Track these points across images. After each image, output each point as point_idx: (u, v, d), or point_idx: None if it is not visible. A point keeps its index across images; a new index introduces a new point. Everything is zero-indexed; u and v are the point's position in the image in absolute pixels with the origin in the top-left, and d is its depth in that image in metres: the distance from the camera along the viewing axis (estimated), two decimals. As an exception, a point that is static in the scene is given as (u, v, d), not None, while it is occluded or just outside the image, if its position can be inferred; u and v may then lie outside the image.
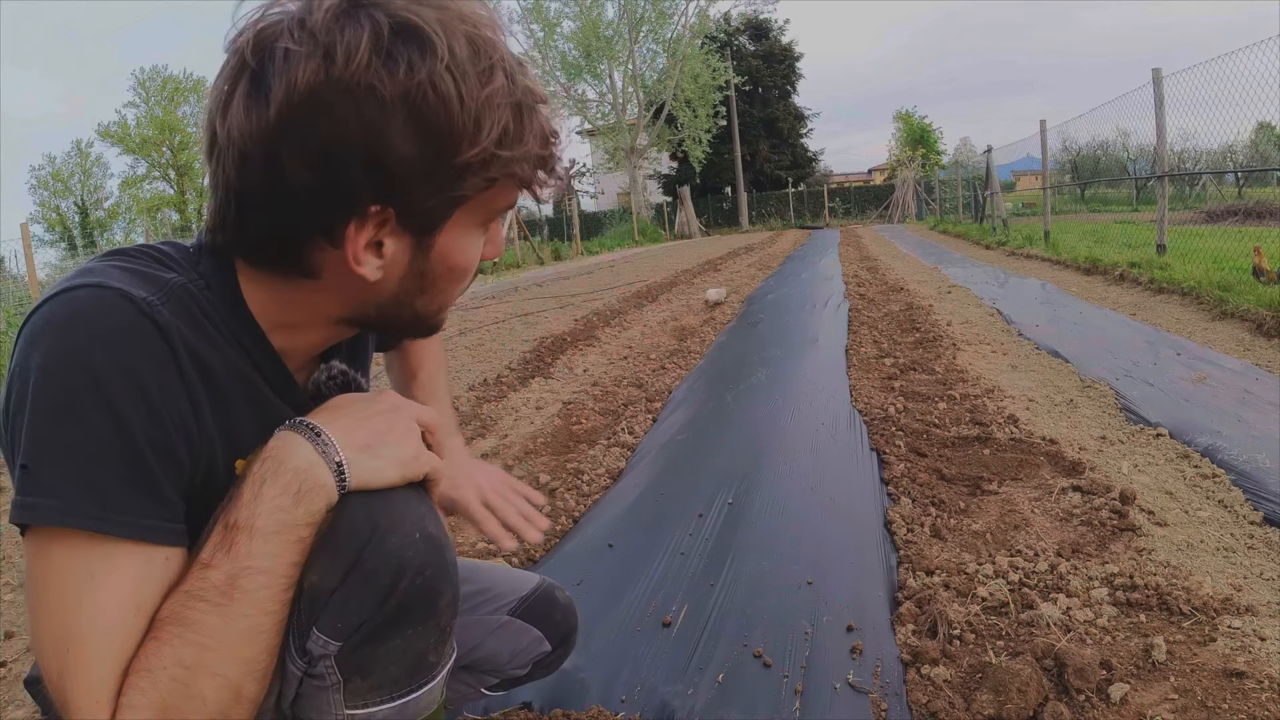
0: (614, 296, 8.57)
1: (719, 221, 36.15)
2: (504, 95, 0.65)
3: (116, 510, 0.60)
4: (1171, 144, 8.20)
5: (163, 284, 0.67)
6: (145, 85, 39.51)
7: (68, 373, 0.59)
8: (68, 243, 36.46)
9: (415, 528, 0.70)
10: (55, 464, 0.59)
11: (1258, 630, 1.39)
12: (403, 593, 0.68)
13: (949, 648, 1.43)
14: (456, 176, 0.65)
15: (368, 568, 0.67)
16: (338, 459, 0.68)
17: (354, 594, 0.68)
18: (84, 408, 0.59)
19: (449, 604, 0.73)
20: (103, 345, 0.60)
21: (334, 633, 0.68)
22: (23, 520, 0.60)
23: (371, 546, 0.67)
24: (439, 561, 0.71)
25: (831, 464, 2.55)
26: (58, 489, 0.59)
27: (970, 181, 18.62)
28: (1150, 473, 2.28)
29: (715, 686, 1.39)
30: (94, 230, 37.42)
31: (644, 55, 30.83)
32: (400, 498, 0.71)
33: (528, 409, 3.64)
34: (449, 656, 0.78)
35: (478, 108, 0.63)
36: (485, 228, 0.75)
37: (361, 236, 0.66)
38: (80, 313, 0.61)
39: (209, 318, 0.69)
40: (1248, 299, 4.58)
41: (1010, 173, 22.32)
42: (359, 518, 0.68)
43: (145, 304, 0.64)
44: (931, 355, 4.04)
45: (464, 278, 0.76)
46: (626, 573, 1.86)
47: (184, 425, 0.66)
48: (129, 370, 0.61)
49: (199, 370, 0.67)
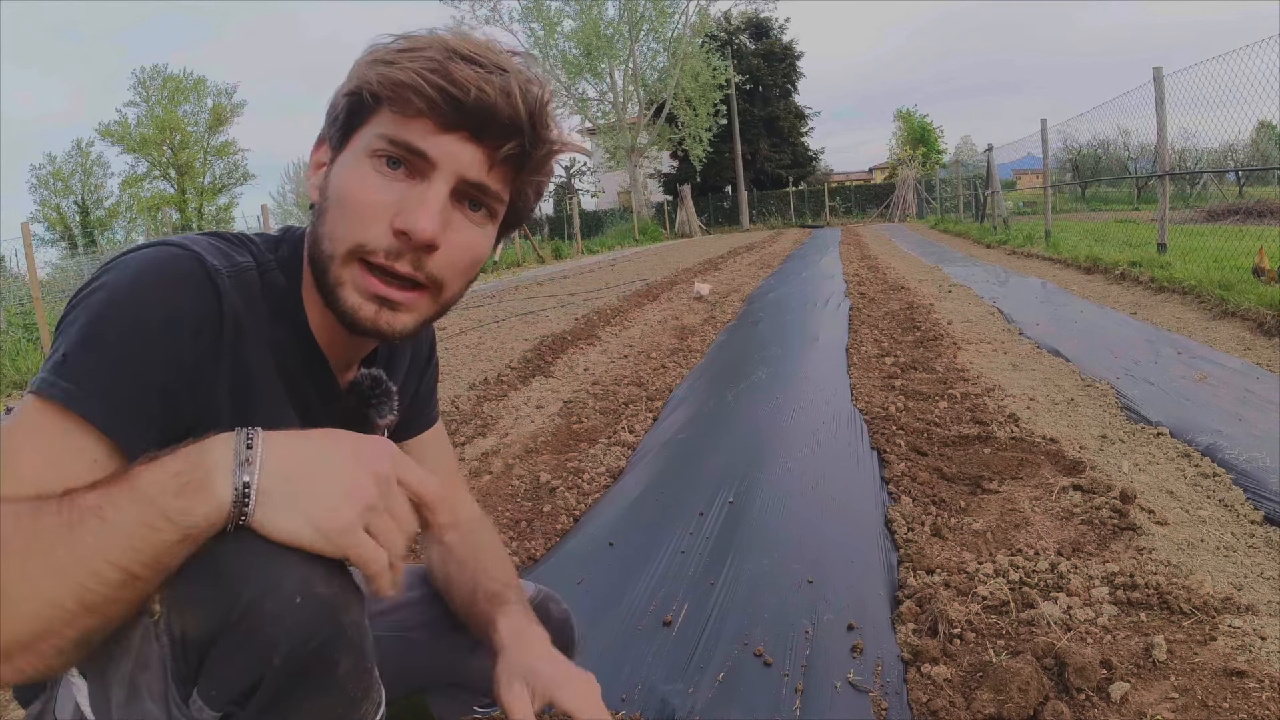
0: (615, 295, 8.56)
1: (719, 220, 36.14)
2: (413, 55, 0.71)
3: (85, 391, 0.65)
4: (1172, 143, 8.20)
5: (234, 262, 0.76)
6: (146, 84, 39.49)
7: (125, 295, 0.68)
8: (68, 242, 36.45)
9: (297, 589, 0.61)
10: (87, 363, 0.66)
11: (1258, 629, 1.39)
12: (284, 669, 0.60)
13: (949, 647, 1.44)
14: (346, 91, 0.74)
15: (238, 635, 0.60)
16: (246, 479, 0.60)
17: (228, 663, 0.61)
18: (124, 326, 0.67)
19: (350, 671, 0.64)
20: (160, 285, 0.69)
21: (211, 701, 0.62)
22: (44, 392, 0.66)
23: (241, 610, 0.59)
24: (331, 628, 0.62)
25: (832, 463, 2.55)
26: (79, 380, 0.65)
27: (971, 180, 18.60)
28: (1151, 472, 2.28)
29: (716, 685, 1.39)
30: (94, 229, 37.44)
31: (644, 54, 30.81)
32: (281, 550, 0.61)
33: (528, 408, 3.64)
34: (373, 712, 0.70)
35: (384, 55, 0.73)
36: (376, 159, 0.72)
37: (315, 155, 0.79)
38: (157, 258, 0.71)
39: (264, 298, 0.77)
40: (1248, 298, 4.58)
41: (1011, 171, 22.29)
42: (230, 569, 0.60)
43: (212, 268, 0.72)
44: (932, 354, 4.04)
45: (349, 207, 0.72)
46: (627, 571, 1.87)
47: (201, 378, 0.71)
48: (173, 311, 0.69)
49: (238, 338, 0.74)
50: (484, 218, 0.77)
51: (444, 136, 0.71)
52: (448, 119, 0.70)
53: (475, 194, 0.75)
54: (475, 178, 0.73)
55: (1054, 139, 12.11)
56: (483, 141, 0.72)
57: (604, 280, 10.94)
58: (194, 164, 40.49)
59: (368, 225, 0.71)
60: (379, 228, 0.71)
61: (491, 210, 0.78)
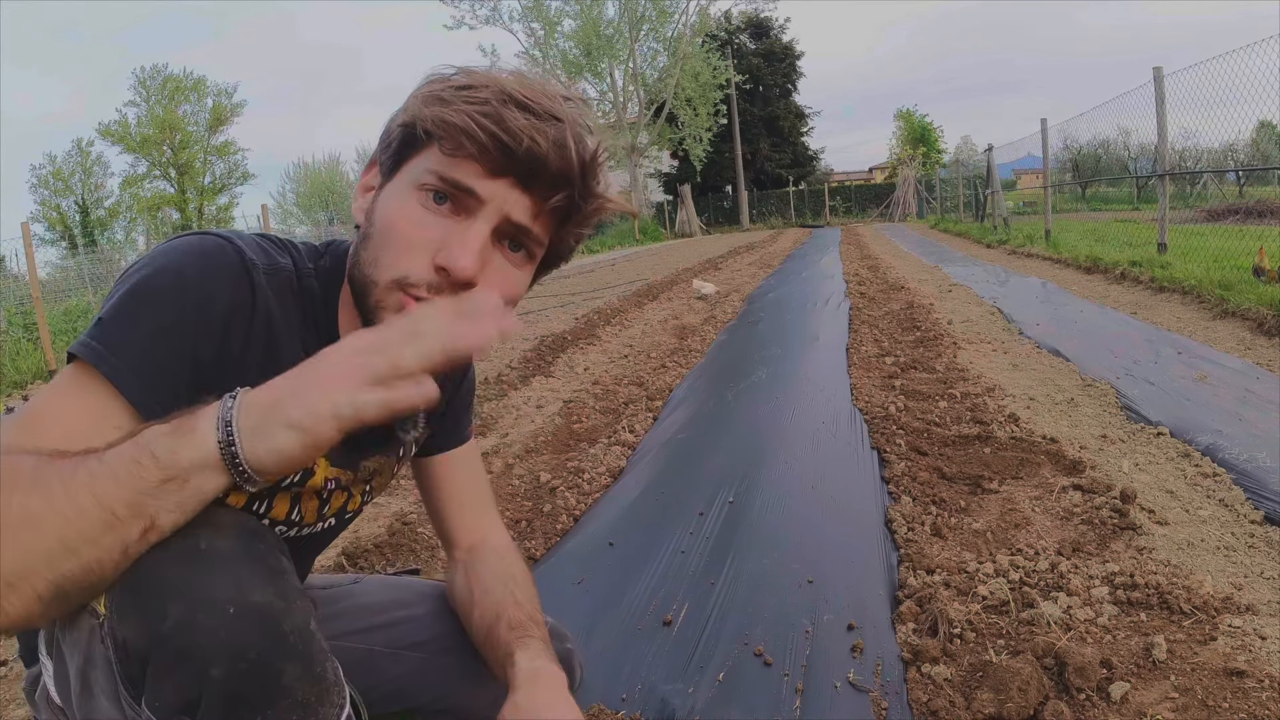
0: (614, 295, 8.56)
1: (720, 220, 36.13)
2: (469, 96, 0.72)
3: (127, 364, 0.68)
4: (1172, 142, 8.19)
5: (274, 261, 0.79)
6: (146, 84, 39.45)
7: (165, 272, 0.71)
8: (68, 242, 36.45)
9: (230, 599, 0.60)
10: (120, 328, 0.69)
11: (1258, 629, 1.39)
12: (225, 683, 0.59)
13: (949, 646, 1.43)
14: (401, 122, 0.75)
15: (172, 648, 0.59)
16: (227, 417, 0.61)
17: (166, 676, 0.60)
18: (164, 301, 0.70)
19: (299, 678, 0.63)
20: (202, 269, 0.72)
21: (157, 711, 0.62)
22: (75, 352, 0.69)
23: (173, 624, 0.59)
24: (268, 637, 0.61)
25: (832, 462, 2.55)
26: (111, 343, 0.68)
27: (971, 180, 18.59)
28: (1151, 471, 2.28)
29: (716, 685, 1.39)
30: (94, 229, 37.41)
31: (645, 54, 30.78)
32: (217, 557, 0.61)
33: (529, 407, 3.64)
34: (335, 714, 0.68)
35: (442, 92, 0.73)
36: (423, 192, 0.73)
37: (365, 177, 0.81)
38: (201, 244, 0.74)
39: (297, 300, 0.80)
40: (1248, 298, 4.58)
41: (1011, 171, 22.27)
42: (162, 577, 0.59)
43: (251, 263, 0.75)
44: (932, 354, 4.04)
45: (394, 238, 0.73)
46: (627, 571, 1.87)
47: (228, 361, 0.73)
48: (209, 293, 0.72)
49: (268, 330, 0.76)
50: (523, 259, 0.78)
51: (493, 181, 0.72)
52: (497, 165, 0.71)
53: (517, 235, 0.76)
54: (519, 220, 0.74)
55: (1054, 139, 12.12)
56: (531, 190, 0.73)
57: (604, 280, 10.94)
58: (194, 164, 40.44)
59: (410, 258, 0.72)
60: (421, 261, 0.72)
61: (530, 252, 0.78)
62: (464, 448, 1.06)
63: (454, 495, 1.05)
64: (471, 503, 1.06)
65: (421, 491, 1.07)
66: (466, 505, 1.05)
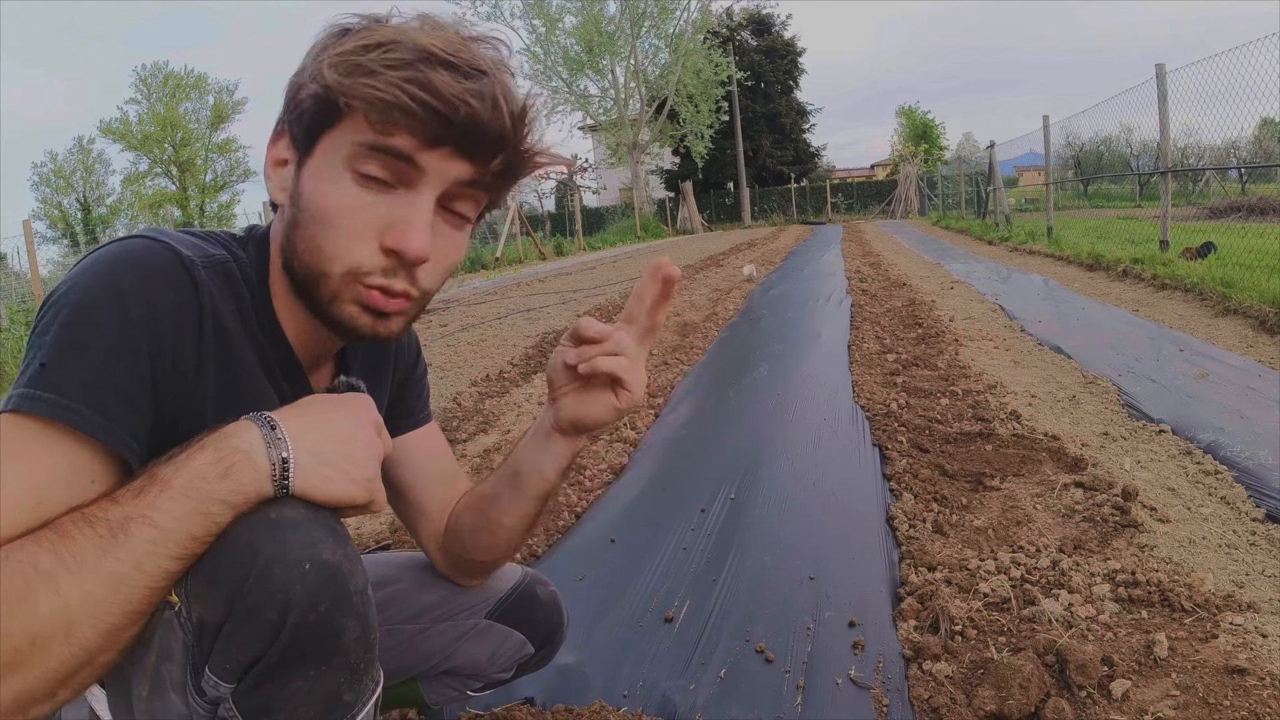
0: (616, 292, 8.56)
1: (721, 217, 36.08)
2: (387, 59, 0.67)
3: (73, 401, 0.63)
4: (1175, 140, 8.16)
5: (208, 254, 0.74)
6: (147, 82, 39.46)
7: (100, 293, 0.65)
8: (70, 239, 36.55)
9: (305, 556, 0.63)
10: (67, 369, 0.64)
11: (1259, 627, 1.39)
12: (293, 632, 0.62)
13: (951, 643, 1.44)
14: (313, 91, 0.69)
15: (250, 603, 0.61)
16: (284, 455, 0.64)
17: (239, 632, 0.62)
18: (105, 323, 0.65)
19: (357, 639, 0.66)
20: (140, 279, 0.67)
21: (224, 674, 0.64)
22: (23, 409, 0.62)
23: (253, 580, 0.61)
24: (337, 594, 0.64)
25: (834, 459, 2.55)
26: (63, 388, 0.63)
27: (973, 177, 18.57)
28: (1153, 469, 2.28)
29: (717, 682, 1.39)
30: (96, 227, 37.47)
31: (646, 50, 30.72)
32: (289, 522, 0.64)
33: (530, 404, 3.64)
34: (371, 689, 0.71)
35: (354, 55, 0.68)
36: (356, 171, 0.70)
37: (274, 149, 0.75)
38: (129, 251, 0.69)
39: (236, 293, 0.76)
40: (1250, 295, 4.57)
41: (1013, 168, 22.26)
42: (240, 543, 0.62)
43: (188, 260, 0.71)
44: (934, 351, 4.03)
45: (334, 224, 0.70)
46: (629, 568, 1.87)
47: (183, 373, 0.70)
48: (153, 304, 0.67)
49: (217, 332, 0.73)
50: (462, 221, 0.77)
51: (430, 152, 0.69)
52: (433, 135, 0.68)
53: (457, 200, 0.74)
54: (460, 188, 0.73)
55: (1056, 136, 12.11)
56: (471, 157, 0.71)
57: (606, 277, 10.93)
58: (195, 161, 40.47)
59: (358, 246, 0.70)
60: (369, 247, 0.70)
61: (469, 215, 0.77)
62: (422, 429, 1.04)
63: (421, 470, 1.02)
64: (440, 476, 1.04)
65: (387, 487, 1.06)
66: (435, 479, 1.03)
